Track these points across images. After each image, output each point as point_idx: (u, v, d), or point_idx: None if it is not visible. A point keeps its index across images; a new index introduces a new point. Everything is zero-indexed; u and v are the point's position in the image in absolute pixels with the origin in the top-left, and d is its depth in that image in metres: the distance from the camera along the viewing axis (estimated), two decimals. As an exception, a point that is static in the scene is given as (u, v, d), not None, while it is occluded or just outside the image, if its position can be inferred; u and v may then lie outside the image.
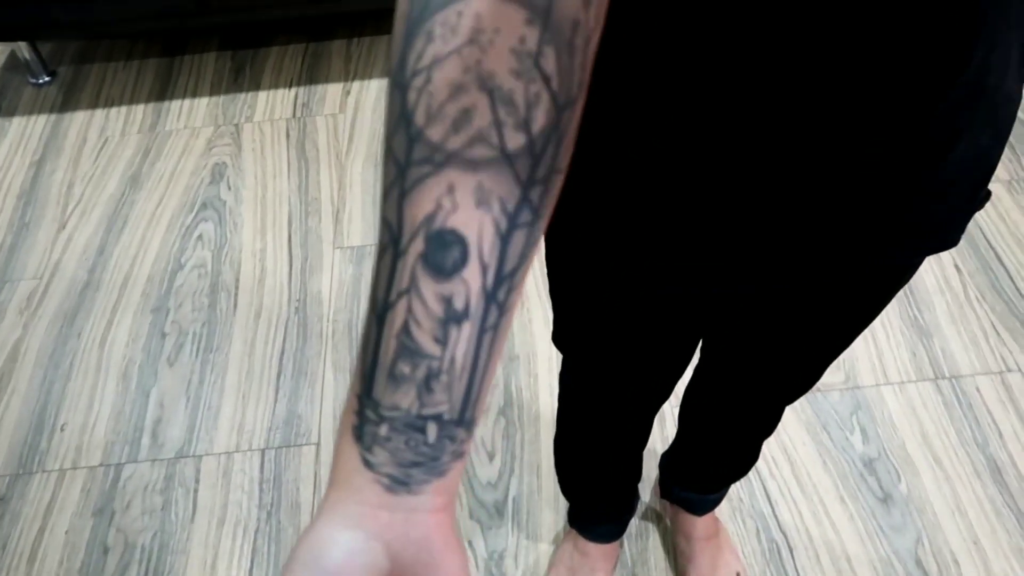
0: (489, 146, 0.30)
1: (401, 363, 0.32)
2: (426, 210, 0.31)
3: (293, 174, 1.85)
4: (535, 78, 0.30)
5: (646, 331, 0.73)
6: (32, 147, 1.95)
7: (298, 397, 1.47)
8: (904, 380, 1.44)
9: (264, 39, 2.20)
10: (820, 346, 0.78)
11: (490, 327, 0.33)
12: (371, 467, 0.33)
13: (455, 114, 0.30)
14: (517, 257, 0.32)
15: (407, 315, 0.32)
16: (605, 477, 1.11)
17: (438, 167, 0.30)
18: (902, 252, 0.60)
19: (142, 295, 1.63)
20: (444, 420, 0.33)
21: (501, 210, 0.31)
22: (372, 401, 0.33)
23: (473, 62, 0.30)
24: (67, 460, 1.40)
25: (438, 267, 0.31)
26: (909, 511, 1.29)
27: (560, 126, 0.31)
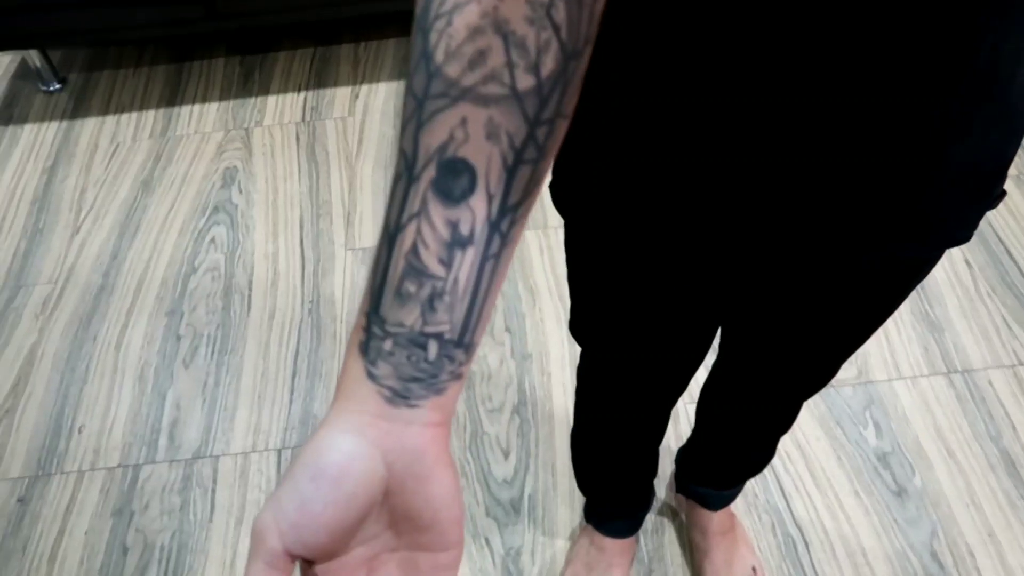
0: (501, 84, 0.33)
1: (408, 282, 0.34)
2: (440, 139, 0.33)
3: (304, 177, 1.86)
4: (546, 26, 0.32)
5: (665, 316, 0.74)
6: (44, 154, 1.96)
7: (313, 397, 1.48)
8: (916, 375, 1.45)
9: (272, 44, 2.21)
10: (837, 340, 0.78)
11: (492, 255, 0.35)
12: (374, 379, 0.35)
13: (471, 54, 0.32)
14: (521, 191, 0.35)
15: (416, 237, 0.34)
16: (622, 472, 1.12)
17: (453, 100, 0.33)
18: (912, 246, 0.60)
19: (156, 298, 1.65)
20: (444, 339, 0.35)
21: (509, 144, 0.34)
22: (378, 317, 0.35)
23: (491, 8, 0.32)
24: (85, 461, 1.41)
25: (447, 193, 0.33)
26: (924, 504, 1.30)
27: (567, 73, 0.34)
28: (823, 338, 0.78)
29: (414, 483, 0.35)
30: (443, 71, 0.33)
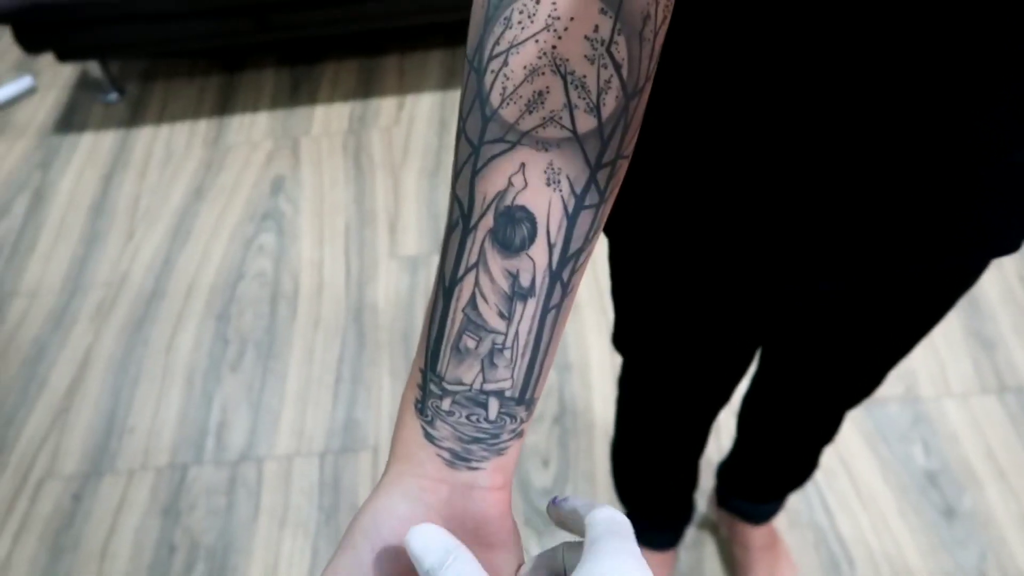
0: (561, 127, 0.32)
1: (466, 337, 0.33)
2: (497, 187, 0.32)
3: (350, 186, 1.89)
4: (607, 64, 0.31)
5: (708, 330, 0.74)
6: (102, 161, 2.03)
7: (355, 403, 1.50)
8: (967, 392, 1.42)
9: (320, 55, 2.26)
10: (882, 350, 0.77)
11: (554, 306, 0.34)
12: (432, 440, 0.34)
13: (529, 95, 0.31)
14: (583, 238, 0.34)
15: (474, 289, 0.33)
16: (662, 484, 1.12)
17: (511, 146, 0.32)
18: (962, 255, 0.59)
19: (205, 303, 1.69)
20: (505, 397, 0.34)
21: (570, 190, 0.32)
22: (436, 375, 0.34)
23: (549, 47, 0.31)
24: (136, 461, 1.45)
25: (506, 243, 0.32)
26: (973, 526, 1.27)
27: (628, 112, 0.33)
28: (868, 349, 0.77)
29: (477, 550, 0.34)
30: (500, 114, 0.32)
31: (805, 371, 0.84)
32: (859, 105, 0.47)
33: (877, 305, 0.69)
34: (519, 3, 0.31)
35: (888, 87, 0.46)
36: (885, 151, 0.49)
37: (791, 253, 0.58)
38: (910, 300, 0.68)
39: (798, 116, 0.49)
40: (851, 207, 0.53)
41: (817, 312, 0.73)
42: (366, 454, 1.43)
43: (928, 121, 0.47)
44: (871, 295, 0.68)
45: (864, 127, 0.48)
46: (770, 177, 0.53)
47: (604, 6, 0.31)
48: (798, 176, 0.52)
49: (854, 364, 0.80)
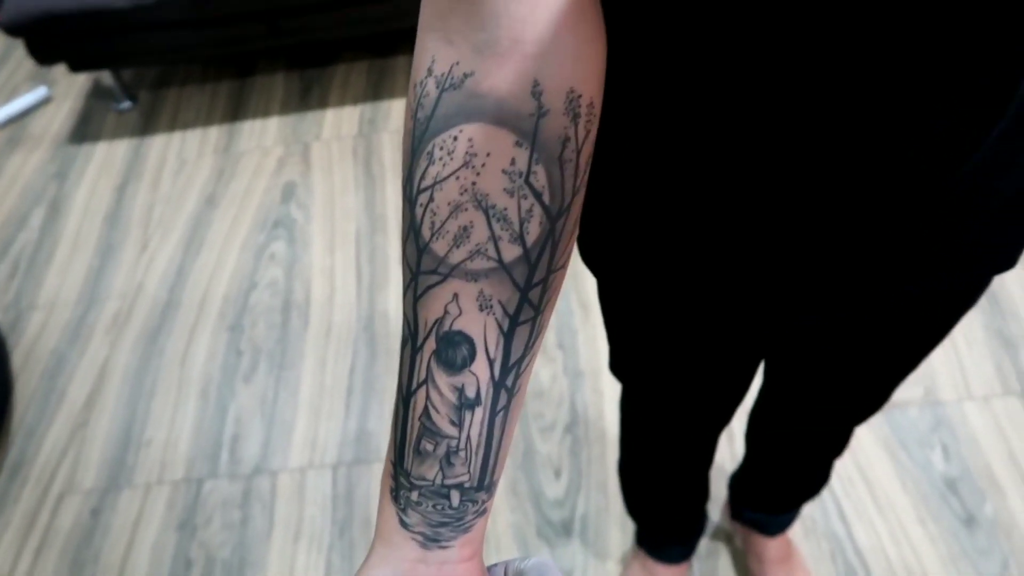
0: (487, 258, 0.34)
1: (425, 441, 0.37)
2: (435, 314, 0.35)
3: (360, 191, 1.89)
4: (527, 195, 0.33)
5: (704, 360, 0.72)
6: (116, 170, 2.05)
7: (368, 414, 1.50)
8: (989, 394, 1.38)
9: (331, 57, 2.25)
10: (885, 370, 0.76)
11: (500, 409, 0.37)
12: (406, 527, 0.38)
13: (455, 230, 0.34)
14: (522, 348, 0.36)
15: (426, 402, 0.36)
16: (671, 500, 1.10)
17: (443, 277, 0.34)
18: (960, 276, 0.58)
19: (219, 314, 1.70)
20: (465, 487, 0.38)
21: (503, 312, 0.35)
22: (403, 471, 0.38)
23: (469, 184, 0.33)
24: (152, 475, 1.47)
25: (449, 363, 0.35)
26: (995, 534, 1.24)
27: (555, 232, 0.34)
28: (871, 367, 0.75)
29: None
30: (431, 247, 0.34)
31: (809, 390, 0.83)
32: (842, 137, 0.46)
33: (878, 326, 0.67)
34: (439, 139, 0.33)
35: (872, 119, 0.44)
36: (870, 179, 0.48)
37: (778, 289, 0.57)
38: (911, 320, 0.67)
39: (778, 149, 0.47)
40: (839, 236, 0.52)
41: (817, 334, 0.71)
42: (379, 466, 1.43)
43: (930, 145, 0.46)
44: (872, 316, 0.66)
45: (849, 159, 0.47)
46: (750, 213, 0.52)
47: (519, 139, 0.32)
48: (779, 209, 0.51)
49: (858, 382, 0.79)
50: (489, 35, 0.33)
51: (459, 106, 0.33)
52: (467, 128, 0.33)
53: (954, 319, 0.68)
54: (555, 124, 0.33)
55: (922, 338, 0.70)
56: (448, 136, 0.33)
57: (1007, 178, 0.50)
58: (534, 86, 0.33)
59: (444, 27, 0.34)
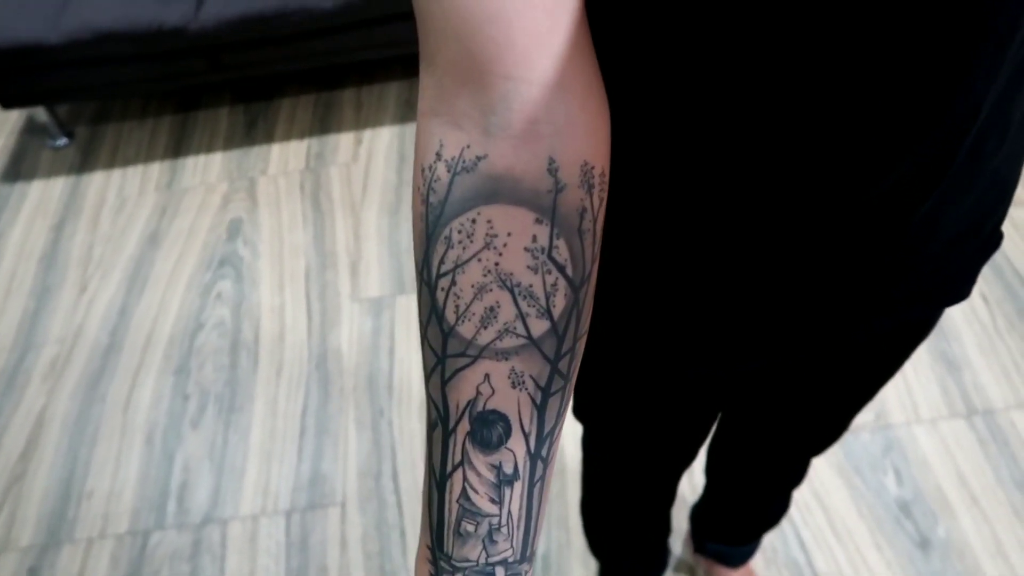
0: (516, 336, 0.34)
1: (465, 523, 0.37)
2: (467, 396, 0.35)
3: (308, 226, 1.86)
4: (551, 270, 0.33)
5: (667, 406, 0.72)
6: (52, 210, 1.97)
7: (322, 456, 1.46)
8: (936, 417, 1.42)
9: (276, 91, 2.22)
10: (842, 404, 0.78)
11: (538, 480, 0.37)
12: None
13: (482, 312, 0.33)
14: (554, 418, 0.36)
15: (464, 483, 0.36)
16: (634, 537, 1.10)
17: (473, 359, 0.34)
18: (916, 309, 0.60)
19: (164, 356, 1.64)
20: (509, 562, 0.38)
21: (535, 387, 0.35)
22: (444, 555, 0.37)
23: (492, 264, 0.33)
24: (95, 528, 1.40)
25: (485, 443, 0.35)
26: (948, 556, 1.26)
27: (579, 302, 0.34)
28: (829, 403, 0.77)
29: None
30: (457, 331, 0.34)
31: (767, 424, 0.84)
32: (811, 190, 0.46)
33: (836, 363, 0.68)
34: (456, 222, 0.33)
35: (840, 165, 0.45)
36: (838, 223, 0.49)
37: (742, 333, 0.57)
38: (867, 356, 0.68)
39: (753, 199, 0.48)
40: (804, 279, 0.53)
41: (777, 374, 0.72)
42: (334, 510, 1.39)
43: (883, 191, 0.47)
44: (830, 355, 0.67)
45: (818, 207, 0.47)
46: (720, 258, 0.52)
47: (538, 216, 0.32)
48: (750, 253, 0.51)
49: (816, 417, 0.80)
50: (500, 118, 0.33)
51: (475, 189, 0.33)
52: (485, 210, 0.33)
53: (907, 352, 0.69)
54: (572, 198, 0.33)
55: (877, 372, 0.71)
56: (466, 219, 0.33)
57: (951, 216, 0.51)
58: (550, 163, 0.33)
59: (450, 111, 0.34)
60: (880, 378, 0.72)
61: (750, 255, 0.51)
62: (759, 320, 0.55)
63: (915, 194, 0.47)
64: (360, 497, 1.40)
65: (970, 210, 0.52)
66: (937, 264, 0.55)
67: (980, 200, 0.52)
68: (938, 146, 0.44)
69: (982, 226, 0.55)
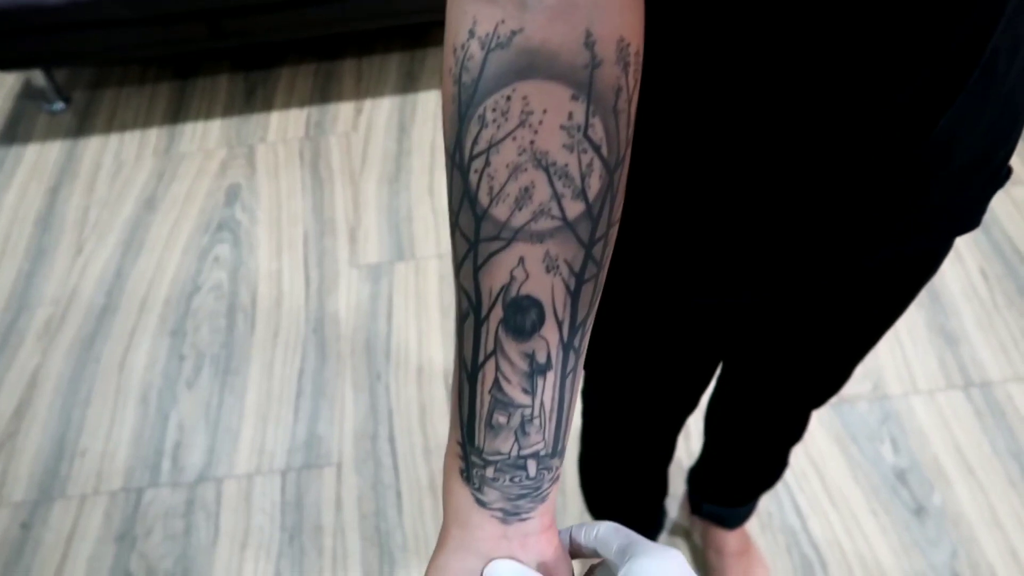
0: (552, 218, 0.33)
1: (497, 414, 0.36)
2: (501, 281, 0.34)
3: (307, 194, 1.85)
4: (586, 149, 0.32)
5: (672, 345, 0.72)
6: (48, 173, 1.96)
7: (318, 418, 1.46)
8: (933, 388, 1.42)
9: (276, 60, 2.20)
10: (848, 346, 0.77)
11: (570, 370, 0.36)
12: (484, 505, 0.38)
13: (517, 193, 0.32)
14: (587, 306, 0.36)
15: (496, 373, 0.35)
16: (632, 494, 1.09)
17: (507, 242, 0.33)
18: (923, 238, 0.60)
19: (160, 318, 1.63)
20: (541, 455, 0.38)
21: (569, 271, 0.34)
22: (475, 449, 0.37)
23: (527, 143, 0.32)
24: (88, 485, 1.39)
25: (518, 330, 0.35)
26: (943, 524, 1.26)
27: (613, 185, 0.34)
28: (834, 344, 0.77)
29: None
30: (491, 213, 0.33)
31: (771, 371, 0.83)
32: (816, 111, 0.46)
33: (844, 299, 0.68)
34: (490, 100, 0.32)
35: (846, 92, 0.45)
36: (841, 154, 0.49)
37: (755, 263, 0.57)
38: (876, 289, 0.68)
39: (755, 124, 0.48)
40: (816, 205, 0.52)
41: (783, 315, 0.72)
42: (330, 470, 1.38)
43: (896, 112, 0.47)
44: (837, 289, 0.67)
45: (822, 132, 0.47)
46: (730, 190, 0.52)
47: (575, 92, 0.31)
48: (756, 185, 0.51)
49: (821, 361, 0.80)
50: None
51: (510, 64, 0.32)
52: (520, 86, 0.31)
53: (915, 289, 0.69)
54: (609, 74, 0.32)
55: (885, 310, 0.71)
56: (500, 96, 0.32)
57: (965, 141, 0.51)
58: (587, 37, 0.32)
59: None
60: (886, 318, 0.72)
61: (764, 174, 0.51)
62: (769, 243, 0.55)
63: (932, 108, 0.47)
64: (356, 458, 1.40)
65: (983, 135, 0.52)
66: (949, 191, 0.55)
67: (993, 125, 0.52)
68: (957, 54, 0.44)
69: (993, 155, 0.55)
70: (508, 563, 0.38)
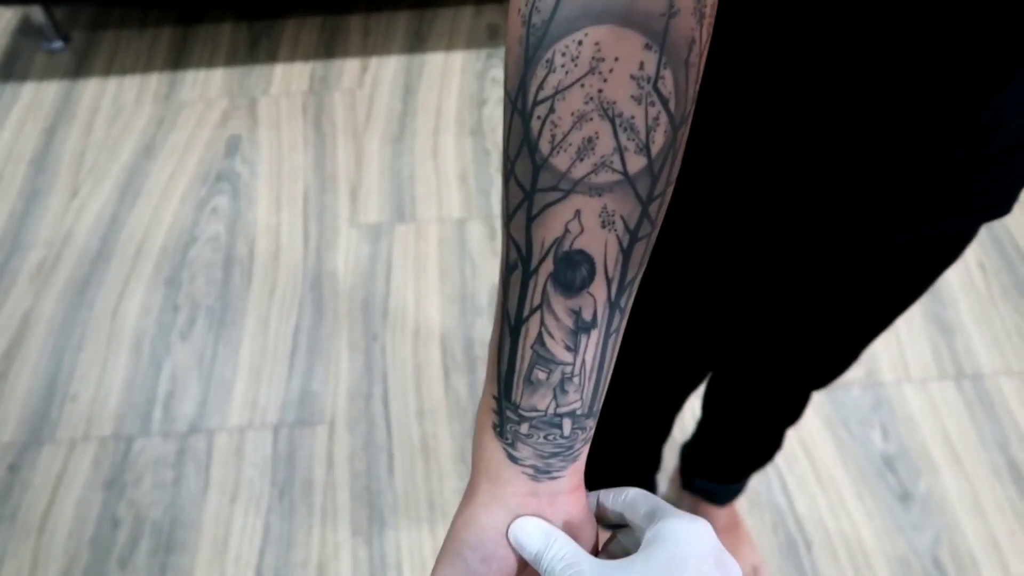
0: (613, 171, 0.32)
1: (537, 370, 0.36)
2: (555, 233, 0.33)
3: (309, 149, 1.82)
4: (654, 101, 0.31)
5: (691, 316, 0.72)
6: (44, 113, 1.92)
7: (312, 375, 1.45)
8: (926, 377, 1.43)
9: (281, 10, 2.16)
10: (860, 324, 0.78)
11: (614, 331, 0.36)
12: (516, 461, 0.38)
13: (579, 143, 0.31)
14: (636, 267, 0.35)
15: (540, 328, 0.35)
16: (625, 466, 1.10)
17: (564, 194, 0.32)
18: (956, 220, 0.60)
19: (155, 267, 1.61)
20: (577, 415, 0.37)
21: (624, 228, 0.33)
22: (511, 404, 0.37)
23: (595, 91, 0.31)
24: (78, 430, 1.39)
25: (567, 285, 0.34)
26: (928, 510, 1.28)
27: (676, 142, 0.33)
28: (848, 324, 0.77)
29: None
30: (551, 163, 0.32)
31: (781, 348, 0.84)
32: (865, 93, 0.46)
33: (865, 278, 0.69)
34: (560, 44, 0.30)
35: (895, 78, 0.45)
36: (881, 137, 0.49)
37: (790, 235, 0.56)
38: (897, 272, 0.68)
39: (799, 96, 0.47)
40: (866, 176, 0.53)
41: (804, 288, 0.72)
42: (322, 428, 1.38)
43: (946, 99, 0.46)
44: (865, 269, 0.67)
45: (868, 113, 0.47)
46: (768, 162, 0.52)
47: (648, 41, 0.30)
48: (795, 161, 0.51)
49: (833, 340, 0.81)
50: None
51: (584, 7, 0.30)
52: (593, 31, 0.30)
53: (933, 275, 0.69)
54: (684, 25, 0.31)
55: (901, 294, 0.71)
56: (572, 40, 0.30)
57: (1009, 123, 0.51)
58: None
59: None
60: (902, 301, 0.73)
61: (807, 148, 0.50)
62: (801, 215, 0.55)
63: (983, 90, 0.46)
64: (349, 417, 1.40)
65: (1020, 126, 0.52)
66: (986, 173, 0.55)
67: None
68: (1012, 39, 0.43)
69: None
70: (535, 521, 0.38)
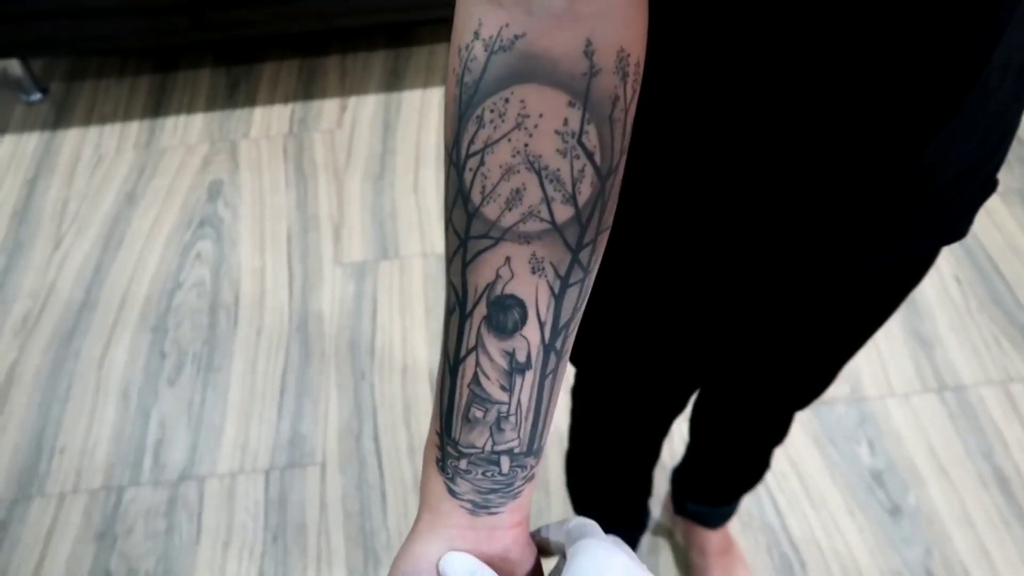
0: (540, 220, 0.34)
1: (474, 408, 0.37)
2: (487, 278, 0.35)
3: (291, 190, 1.84)
4: (579, 155, 0.33)
5: (656, 348, 0.73)
6: (25, 165, 1.93)
7: (302, 416, 1.45)
8: (908, 392, 1.45)
9: (259, 54, 2.19)
10: (832, 349, 0.79)
11: (550, 372, 0.37)
12: (455, 495, 0.39)
13: (508, 193, 0.33)
14: (571, 310, 0.36)
15: (476, 368, 0.36)
16: (617, 493, 1.11)
17: (495, 241, 0.34)
18: (912, 248, 0.61)
19: (140, 314, 1.61)
20: (515, 453, 0.38)
21: (554, 274, 0.35)
22: (451, 440, 0.38)
23: (521, 146, 0.33)
24: (67, 484, 1.38)
25: (500, 327, 0.35)
26: (918, 523, 1.30)
27: (605, 192, 0.34)
28: (819, 349, 0.78)
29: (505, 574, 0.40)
30: (481, 212, 0.34)
31: (757, 375, 0.85)
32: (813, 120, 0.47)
33: (832, 305, 0.70)
34: (489, 102, 0.33)
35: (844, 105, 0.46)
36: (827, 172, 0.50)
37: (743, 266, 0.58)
38: (861, 297, 0.69)
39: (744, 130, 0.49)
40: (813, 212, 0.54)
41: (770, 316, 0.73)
42: (313, 469, 1.38)
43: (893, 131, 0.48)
44: (826, 297, 0.68)
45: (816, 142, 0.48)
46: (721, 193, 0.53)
47: (572, 99, 0.32)
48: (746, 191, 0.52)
49: (806, 365, 0.82)
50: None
51: (510, 68, 0.32)
52: (519, 89, 0.32)
53: (901, 296, 0.71)
54: (606, 83, 0.33)
55: (870, 316, 0.73)
56: (499, 99, 0.33)
57: (955, 156, 0.52)
58: (587, 46, 0.32)
59: None
60: (872, 323, 0.74)
61: (753, 182, 0.51)
62: (751, 249, 0.56)
63: (927, 129, 0.48)
64: (340, 457, 1.40)
65: (973, 149, 0.53)
66: (937, 202, 0.56)
67: (983, 140, 0.54)
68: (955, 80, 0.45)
69: (983, 168, 0.57)
70: (463, 556, 0.39)
